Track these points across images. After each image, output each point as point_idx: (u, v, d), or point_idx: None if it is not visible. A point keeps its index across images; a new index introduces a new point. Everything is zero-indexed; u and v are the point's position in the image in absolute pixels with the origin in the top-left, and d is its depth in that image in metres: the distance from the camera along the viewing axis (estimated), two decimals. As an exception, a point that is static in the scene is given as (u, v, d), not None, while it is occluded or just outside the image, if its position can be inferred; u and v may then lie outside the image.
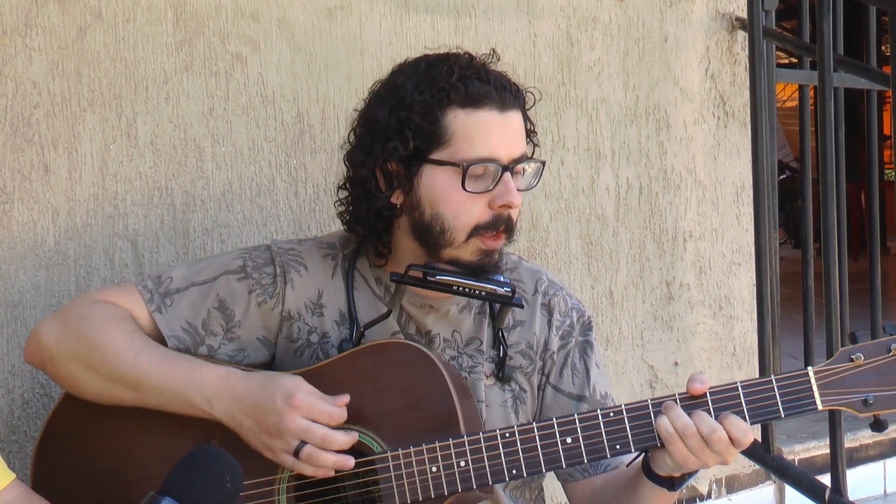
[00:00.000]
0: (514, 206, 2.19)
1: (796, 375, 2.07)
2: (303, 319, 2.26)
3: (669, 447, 2.06)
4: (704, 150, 3.70)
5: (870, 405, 2.04)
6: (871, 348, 2.05)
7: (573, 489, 2.35)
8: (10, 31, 2.47)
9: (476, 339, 2.31)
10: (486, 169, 2.17)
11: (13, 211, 2.48)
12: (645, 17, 3.55)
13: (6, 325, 2.48)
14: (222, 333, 2.25)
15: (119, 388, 2.16)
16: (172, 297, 2.24)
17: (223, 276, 2.26)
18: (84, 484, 2.20)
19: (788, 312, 4.12)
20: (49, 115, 2.52)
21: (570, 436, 2.08)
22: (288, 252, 2.29)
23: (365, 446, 2.10)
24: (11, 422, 2.49)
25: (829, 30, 3.23)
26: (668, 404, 2.07)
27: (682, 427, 2.05)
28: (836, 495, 3.30)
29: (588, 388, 2.35)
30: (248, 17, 2.78)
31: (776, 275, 3.54)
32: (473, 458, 2.07)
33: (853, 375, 2.05)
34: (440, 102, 2.17)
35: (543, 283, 2.38)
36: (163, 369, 2.13)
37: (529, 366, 2.34)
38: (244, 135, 2.77)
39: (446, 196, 2.18)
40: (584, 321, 2.39)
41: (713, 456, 2.06)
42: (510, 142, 2.19)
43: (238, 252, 2.32)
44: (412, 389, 2.11)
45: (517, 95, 2.23)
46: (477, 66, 2.22)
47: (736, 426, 2.05)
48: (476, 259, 2.19)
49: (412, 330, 2.29)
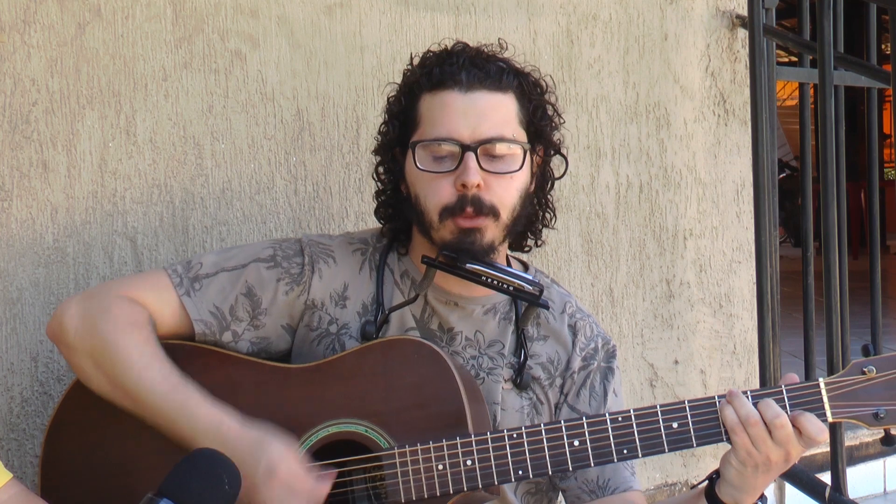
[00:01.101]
0: (470, 186, 2.16)
1: (807, 386, 2.05)
2: (325, 309, 2.28)
3: (733, 437, 2.02)
4: (705, 148, 3.70)
5: (881, 419, 2.02)
6: (883, 362, 2.03)
7: None
8: (8, 27, 2.47)
9: (498, 342, 2.32)
10: (446, 149, 2.18)
11: (12, 208, 2.48)
12: (645, 14, 3.55)
13: (5, 323, 2.48)
14: (248, 320, 2.26)
15: (121, 397, 2.17)
16: (202, 281, 2.26)
17: (253, 263, 2.28)
18: (92, 470, 2.20)
19: (788, 311, 4.12)
20: (48, 113, 2.52)
21: (577, 438, 2.07)
22: (318, 245, 2.32)
23: (372, 441, 2.10)
24: (10, 420, 2.48)
25: (829, 28, 3.22)
26: (733, 392, 2.03)
27: (745, 414, 2.01)
28: (836, 493, 3.29)
29: (604, 411, 2.33)
30: (247, 14, 2.77)
31: (776, 273, 3.54)
32: (480, 457, 2.07)
33: (865, 388, 2.03)
34: (412, 89, 2.25)
35: (571, 307, 2.40)
36: (162, 394, 2.13)
37: (547, 380, 2.33)
38: (243, 132, 2.77)
39: (416, 178, 2.22)
40: (608, 348, 2.39)
41: (777, 449, 2.01)
42: (474, 122, 2.18)
43: (269, 242, 2.35)
44: (422, 387, 2.11)
45: (496, 77, 2.21)
46: (454, 51, 2.24)
47: (810, 421, 2.01)
48: (455, 238, 2.18)
49: (434, 325, 2.30)
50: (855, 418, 2.03)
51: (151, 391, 2.13)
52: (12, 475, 2.05)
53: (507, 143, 2.20)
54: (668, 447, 2.06)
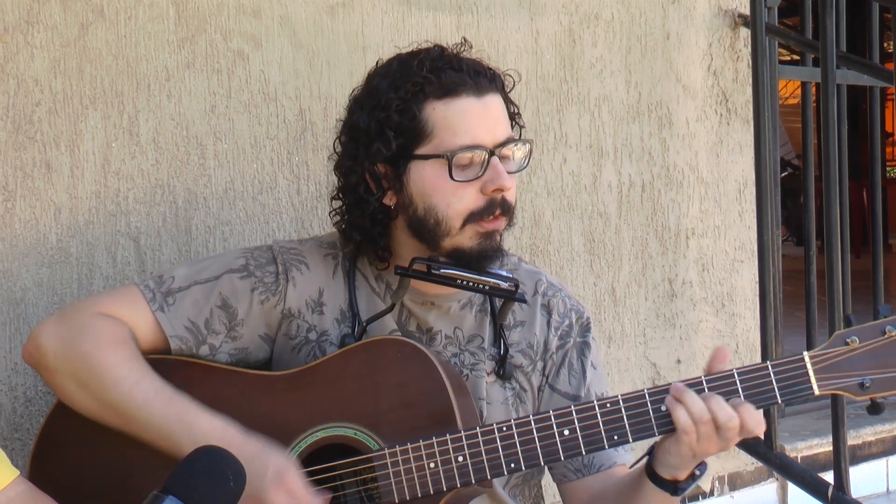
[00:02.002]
0: (505, 190, 2.18)
1: (792, 360, 2.06)
2: (303, 317, 2.26)
3: (682, 435, 2.03)
4: (707, 147, 3.70)
5: (866, 388, 2.04)
6: (866, 331, 2.04)
7: (569, 491, 2.34)
8: (11, 28, 2.47)
9: (478, 336, 2.31)
10: (473, 156, 2.17)
11: (15, 208, 2.48)
12: (647, 13, 3.55)
13: (9, 323, 2.48)
14: (224, 332, 2.24)
15: (110, 415, 2.15)
16: (175, 295, 2.23)
17: (226, 274, 2.25)
18: (81, 487, 2.18)
19: (791, 309, 4.11)
20: (51, 113, 2.52)
21: (567, 427, 2.07)
22: (290, 251, 2.29)
23: (362, 444, 2.10)
24: (14, 419, 2.49)
25: (831, 26, 3.23)
26: (679, 388, 2.04)
27: (697, 413, 2.02)
28: (839, 493, 3.29)
29: (584, 387, 2.34)
30: (249, 15, 2.77)
31: (779, 272, 3.54)
32: (471, 452, 2.06)
33: (849, 359, 2.04)
34: (416, 97, 2.17)
35: (543, 284, 2.38)
36: (157, 407, 2.12)
37: (529, 365, 2.33)
38: (246, 132, 2.77)
39: (437, 188, 2.17)
40: (582, 322, 2.38)
41: (719, 444, 2.04)
42: (492, 126, 2.19)
43: (240, 251, 2.31)
44: (408, 386, 2.11)
45: (493, 79, 2.22)
46: (449, 56, 2.22)
47: (751, 415, 2.03)
48: (476, 244, 2.18)
49: (412, 327, 2.29)
50: (841, 389, 2.04)
51: (144, 406, 2.11)
52: (19, 472, 2.05)
53: (521, 143, 2.23)
54: (657, 431, 2.06)
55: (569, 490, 2.33)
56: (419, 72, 2.18)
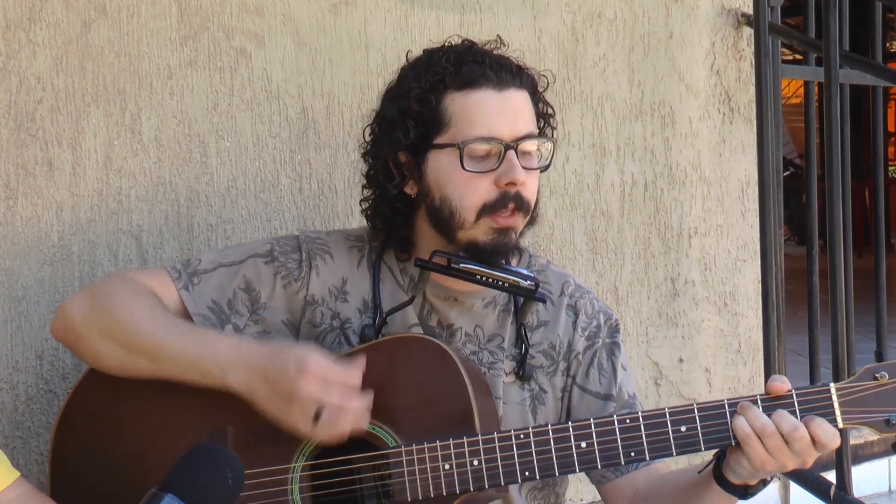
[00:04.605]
0: (518, 183, 2.17)
1: (818, 391, 2.03)
2: (326, 304, 2.28)
3: (747, 448, 2.01)
4: (710, 147, 3.69)
5: (893, 426, 2.00)
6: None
7: (610, 490, 2.31)
8: (14, 25, 2.47)
9: (498, 335, 2.32)
10: (490, 148, 2.17)
11: (17, 206, 2.48)
12: (650, 12, 3.54)
13: (10, 321, 2.48)
14: (248, 315, 2.27)
15: (137, 358, 2.17)
16: (200, 276, 2.27)
17: (251, 258, 2.29)
18: (101, 465, 2.20)
19: (793, 309, 4.11)
20: (53, 111, 2.52)
21: (584, 440, 2.06)
22: (315, 241, 2.32)
23: (379, 440, 2.10)
24: (15, 418, 2.49)
25: (834, 26, 3.22)
26: (745, 404, 2.02)
27: (760, 426, 2.00)
28: (841, 492, 3.29)
29: (615, 387, 2.34)
30: (252, 13, 2.77)
31: (781, 271, 3.54)
32: (487, 457, 2.06)
33: (877, 394, 2.00)
34: (436, 87, 2.20)
35: (570, 286, 2.39)
36: (178, 339, 2.14)
37: (551, 366, 2.33)
38: (248, 130, 2.77)
39: (451, 179, 2.19)
40: (611, 323, 2.39)
41: (793, 458, 2.01)
42: (511, 120, 2.19)
43: (266, 239, 2.36)
44: (429, 385, 2.11)
45: (517, 74, 2.23)
46: (474, 50, 2.23)
47: (823, 429, 2.00)
48: (490, 239, 2.19)
49: (433, 322, 2.30)
50: (866, 424, 2.01)
51: (168, 341, 2.14)
52: (19, 474, 2.05)
53: (542, 140, 2.23)
54: (675, 450, 2.05)
55: (610, 490, 2.32)
56: (443, 63, 2.21)
